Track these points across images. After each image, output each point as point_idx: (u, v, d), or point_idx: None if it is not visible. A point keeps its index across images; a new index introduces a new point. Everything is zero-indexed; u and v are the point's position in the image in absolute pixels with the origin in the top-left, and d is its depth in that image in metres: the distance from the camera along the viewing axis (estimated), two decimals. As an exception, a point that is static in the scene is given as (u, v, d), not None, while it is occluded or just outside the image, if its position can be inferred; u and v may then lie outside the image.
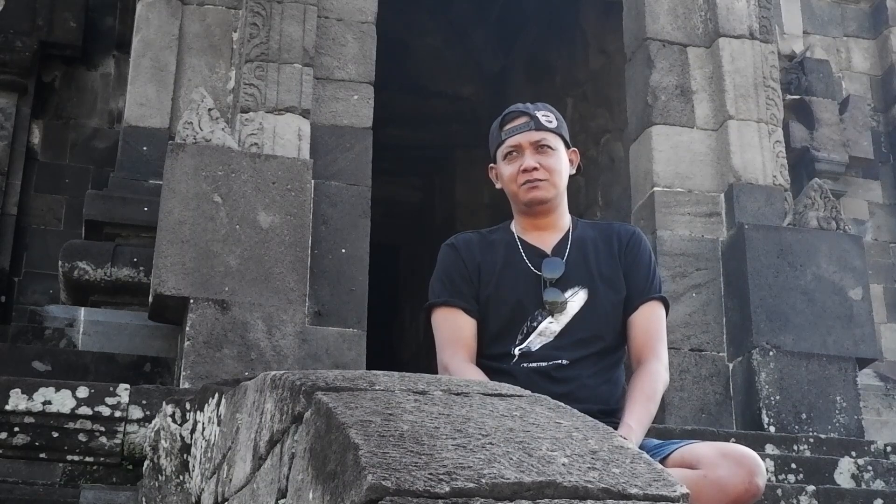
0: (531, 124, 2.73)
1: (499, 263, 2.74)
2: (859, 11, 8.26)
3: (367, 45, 5.94)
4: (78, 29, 7.14)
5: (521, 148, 2.73)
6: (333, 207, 5.55)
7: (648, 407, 2.56)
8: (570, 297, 2.68)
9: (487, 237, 2.82)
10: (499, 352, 2.68)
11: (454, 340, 2.68)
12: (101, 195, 5.65)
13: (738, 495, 2.29)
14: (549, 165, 2.72)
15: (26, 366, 4.80)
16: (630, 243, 2.78)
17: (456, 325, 2.69)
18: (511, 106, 2.83)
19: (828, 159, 7.25)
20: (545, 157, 2.72)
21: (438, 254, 2.81)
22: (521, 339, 2.66)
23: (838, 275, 5.83)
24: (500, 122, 2.79)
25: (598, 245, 2.78)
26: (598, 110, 8.60)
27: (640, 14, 6.49)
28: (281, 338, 4.93)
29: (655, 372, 2.65)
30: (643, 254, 2.78)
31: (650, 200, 6.08)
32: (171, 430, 3.54)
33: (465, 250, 2.77)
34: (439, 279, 2.76)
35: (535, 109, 2.76)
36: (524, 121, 2.74)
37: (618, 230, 2.84)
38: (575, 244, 2.76)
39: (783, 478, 4.69)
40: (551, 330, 2.66)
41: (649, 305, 2.73)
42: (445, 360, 2.67)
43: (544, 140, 2.73)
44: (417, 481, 1.34)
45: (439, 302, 2.73)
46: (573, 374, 2.62)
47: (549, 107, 2.81)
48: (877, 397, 6.55)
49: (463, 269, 2.74)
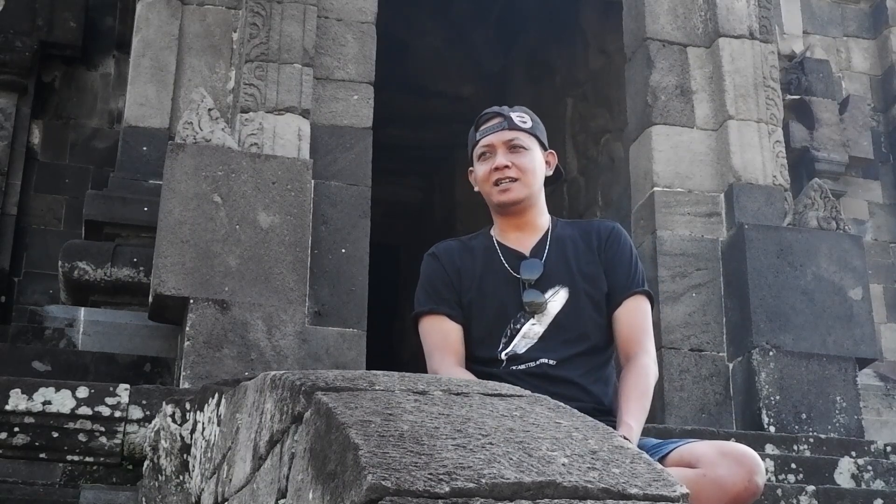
0: (504, 124, 2.73)
1: (479, 269, 2.75)
2: (859, 11, 8.26)
3: (367, 45, 5.94)
4: (78, 29, 7.14)
5: (494, 147, 2.73)
6: (333, 207, 5.55)
7: (643, 403, 2.56)
8: (550, 297, 2.68)
9: (467, 244, 2.83)
10: (486, 356, 2.68)
11: (442, 346, 2.69)
12: (101, 195, 5.65)
13: (737, 494, 2.29)
14: (522, 164, 2.71)
15: (26, 366, 4.80)
16: (609, 239, 2.77)
17: (442, 331, 2.70)
18: (488, 109, 2.83)
19: (828, 159, 7.25)
20: (517, 157, 2.72)
21: (421, 265, 2.82)
22: (505, 342, 2.67)
23: (838, 275, 5.83)
24: (476, 124, 2.80)
25: (578, 243, 2.77)
26: (598, 110, 8.60)
27: (640, 14, 6.49)
28: (281, 338, 4.93)
29: (645, 366, 2.64)
30: (623, 249, 2.77)
31: (650, 200, 6.09)
32: (171, 430, 3.54)
33: (445, 258, 2.78)
34: (423, 288, 2.77)
35: (510, 111, 2.77)
36: (498, 121, 2.75)
37: (597, 227, 2.83)
38: (554, 244, 2.76)
39: (783, 478, 4.69)
40: (534, 332, 2.66)
41: (633, 300, 2.72)
42: (435, 365, 2.67)
43: (517, 139, 2.72)
44: (417, 481, 1.34)
45: (424, 310, 2.74)
46: (562, 374, 2.62)
47: (526, 109, 2.82)
48: (877, 397, 6.56)
49: (444, 276, 2.74)
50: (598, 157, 8.49)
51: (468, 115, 12.23)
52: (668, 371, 5.65)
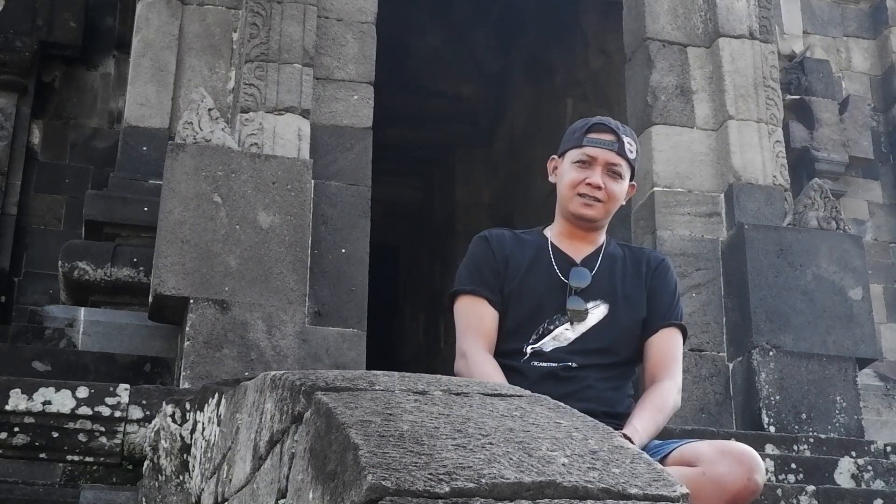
0: (615, 146, 2.75)
1: (527, 262, 2.79)
2: (859, 11, 8.25)
3: (367, 45, 5.94)
4: (78, 29, 7.14)
5: (596, 162, 2.75)
6: (333, 207, 5.55)
7: (655, 416, 2.61)
8: (591, 308, 2.73)
9: (521, 237, 2.87)
10: (511, 348, 2.71)
11: (476, 329, 2.72)
12: (101, 195, 5.64)
13: (736, 492, 2.30)
14: (613, 191, 2.76)
15: (26, 366, 4.80)
16: (659, 269, 2.84)
17: (479, 314, 2.74)
18: (603, 117, 2.85)
19: (828, 159, 7.24)
20: (612, 182, 2.76)
21: (470, 244, 2.86)
22: (535, 338, 2.70)
23: (838, 275, 5.83)
24: (587, 127, 2.81)
25: (627, 265, 2.83)
26: (598, 110, 8.59)
27: (640, 14, 6.49)
28: (281, 338, 4.93)
29: (668, 390, 2.71)
30: (669, 281, 2.84)
31: (650, 200, 6.09)
32: (171, 430, 3.54)
33: (496, 244, 2.81)
34: (468, 268, 2.81)
35: (624, 133, 2.78)
36: (611, 139, 2.76)
37: (648, 255, 2.90)
38: (605, 260, 2.81)
39: (783, 478, 4.69)
40: (566, 336, 2.70)
41: (669, 330, 2.80)
42: (465, 347, 2.70)
43: (619, 167, 2.76)
44: (417, 481, 1.34)
45: (466, 290, 2.78)
46: (581, 375, 2.66)
47: (635, 136, 2.85)
48: (877, 397, 6.55)
49: (492, 261, 2.78)
50: (599, 157, 8.47)
51: (468, 115, 12.21)
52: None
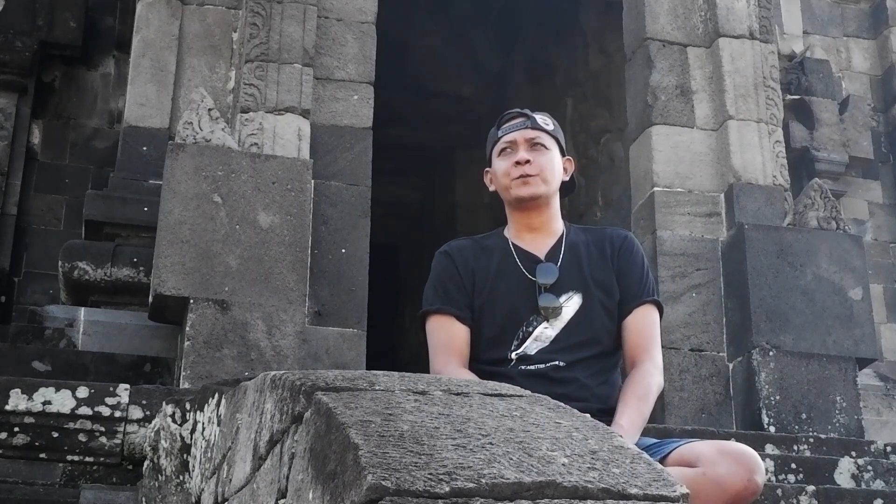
0: (527, 123, 2.79)
1: (493, 269, 2.76)
2: (859, 11, 8.26)
3: (367, 45, 5.94)
4: (78, 29, 7.14)
5: (516, 144, 2.77)
6: (333, 207, 5.55)
7: (640, 407, 2.58)
8: (564, 302, 2.71)
9: (481, 243, 2.84)
10: (496, 356, 2.69)
11: (447, 347, 2.71)
12: (101, 195, 5.65)
13: (736, 492, 2.29)
14: (542, 163, 2.75)
15: (26, 366, 4.80)
16: (622, 248, 2.80)
17: (449, 332, 2.72)
18: None
19: (828, 159, 7.25)
20: (538, 155, 2.76)
21: (432, 261, 2.83)
22: (516, 344, 2.69)
23: (838, 275, 5.83)
24: (498, 122, 2.85)
25: (591, 250, 2.80)
26: (598, 110, 8.60)
27: (640, 14, 6.49)
28: (281, 338, 4.93)
29: (648, 373, 2.67)
30: (635, 258, 2.80)
31: (650, 200, 6.09)
32: (171, 430, 3.54)
33: (458, 257, 2.79)
34: (433, 286, 2.79)
35: (534, 113, 2.82)
36: (521, 120, 2.80)
37: (610, 235, 2.86)
38: (568, 249, 2.78)
39: (783, 478, 4.69)
40: (547, 335, 2.68)
41: (643, 309, 2.77)
42: (439, 366, 2.69)
43: (539, 138, 2.77)
44: (417, 481, 1.34)
45: (432, 309, 2.76)
46: (571, 375, 2.64)
47: (549, 114, 2.87)
48: (877, 397, 6.56)
49: (456, 277, 2.76)
50: (599, 157, 8.49)
51: (468, 115, 12.21)
52: (669, 371, 5.63)
